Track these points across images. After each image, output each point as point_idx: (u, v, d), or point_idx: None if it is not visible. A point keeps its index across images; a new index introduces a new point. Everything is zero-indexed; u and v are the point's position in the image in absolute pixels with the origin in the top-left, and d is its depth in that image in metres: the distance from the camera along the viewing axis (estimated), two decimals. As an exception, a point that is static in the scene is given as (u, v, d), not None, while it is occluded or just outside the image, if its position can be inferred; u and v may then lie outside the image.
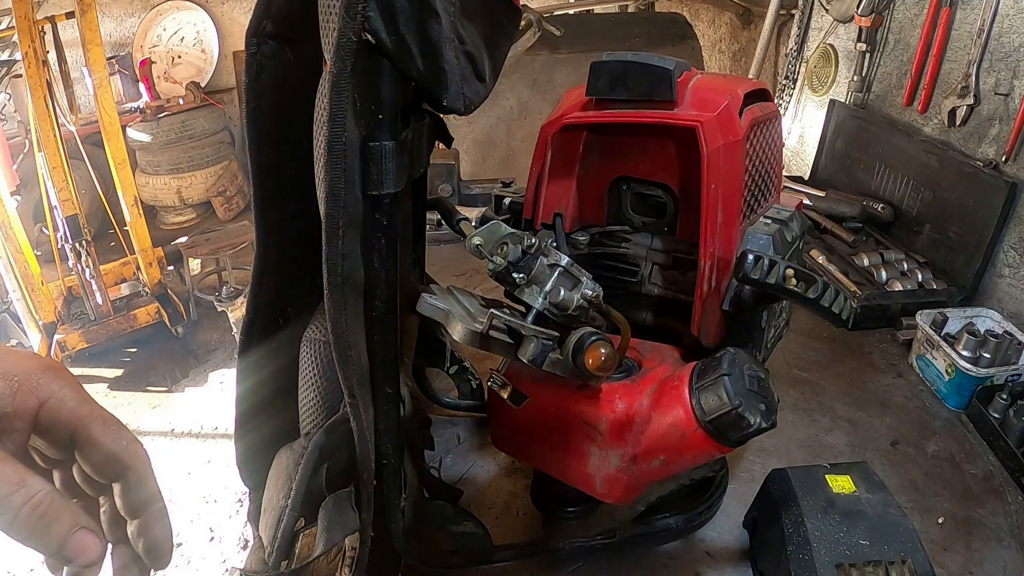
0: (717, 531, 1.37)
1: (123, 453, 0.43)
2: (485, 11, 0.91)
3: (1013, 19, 2.05)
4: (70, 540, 0.39)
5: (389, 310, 0.88)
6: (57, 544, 0.39)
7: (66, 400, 0.42)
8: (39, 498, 0.38)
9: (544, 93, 3.46)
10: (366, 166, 0.77)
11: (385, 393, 0.91)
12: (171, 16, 4.08)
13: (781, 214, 1.24)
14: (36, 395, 0.41)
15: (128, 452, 0.44)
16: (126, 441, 0.44)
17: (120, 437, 0.43)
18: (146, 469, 0.44)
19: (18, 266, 2.17)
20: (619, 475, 1.05)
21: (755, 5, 4.04)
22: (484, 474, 1.56)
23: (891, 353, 2.04)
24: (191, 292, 2.63)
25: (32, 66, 2.04)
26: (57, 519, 0.39)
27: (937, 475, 1.56)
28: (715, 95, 1.10)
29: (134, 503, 0.44)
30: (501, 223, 1.03)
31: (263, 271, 1.01)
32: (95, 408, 0.43)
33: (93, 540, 0.40)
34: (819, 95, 3.18)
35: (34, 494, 0.38)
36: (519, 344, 0.95)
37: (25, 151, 3.20)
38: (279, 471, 0.97)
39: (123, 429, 0.44)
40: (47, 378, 0.42)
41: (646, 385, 1.06)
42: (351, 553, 1.05)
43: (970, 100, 2.18)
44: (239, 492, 1.65)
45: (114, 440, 0.43)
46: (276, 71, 0.90)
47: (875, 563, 1.06)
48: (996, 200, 2.03)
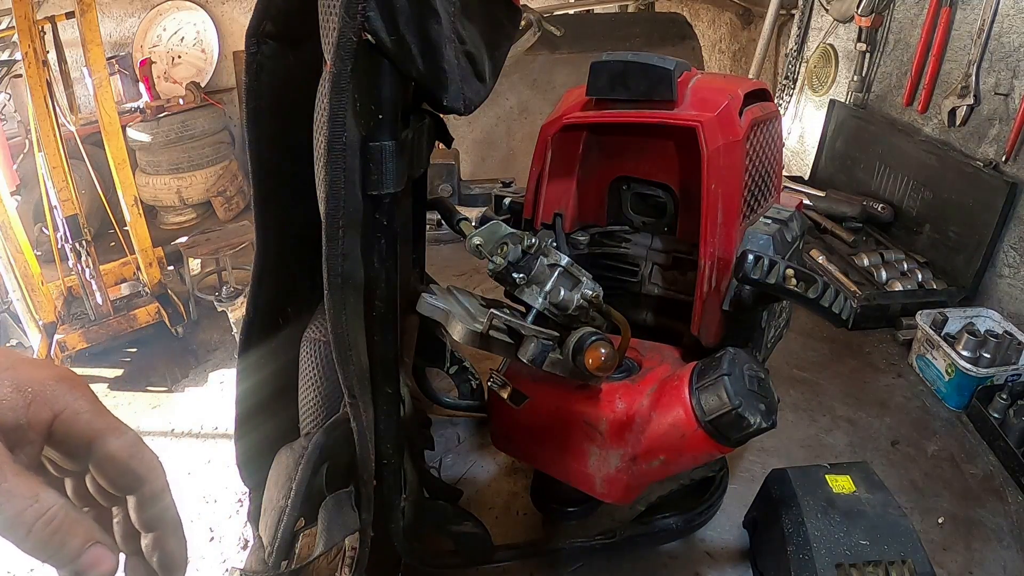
0: (717, 531, 1.37)
1: (139, 467, 0.43)
2: (485, 11, 0.92)
3: (1013, 19, 2.05)
4: (84, 555, 0.39)
5: (389, 310, 0.88)
6: (71, 559, 0.39)
7: (81, 412, 0.41)
8: (52, 512, 0.38)
9: (544, 93, 3.46)
10: (366, 166, 0.77)
11: (385, 393, 0.91)
12: (171, 16, 4.08)
13: (781, 214, 1.24)
14: (51, 407, 0.40)
15: (144, 466, 0.43)
16: (143, 455, 0.43)
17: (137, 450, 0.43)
18: (162, 483, 0.44)
19: (18, 266, 2.18)
20: (619, 475, 1.05)
21: (755, 5, 4.04)
22: (484, 474, 1.56)
23: (891, 353, 2.04)
24: (191, 292, 2.63)
25: (32, 66, 2.04)
26: (71, 534, 0.39)
27: (937, 475, 1.56)
28: (715, 95, 1.10)
29: (149, 517, 0.44)
30: (501, 223, 1.03)
31: (263, 271, 1.01)
32: (111, 420, 0.43)
33: (107, 555, 0.40)
34: (819, 95, 3.18)
35: (47, 508, 0.38)
36: (519, 344, 0.95)
37: (25, 151, 3.20)
38: (279, 471, 0.97)
39: (140, 442, 0.43)
40: (62, 389, 0.41)
41: (646, 385, 1.06)
42: (351, 553, 1.05)
43: (970, 100, 2.18)
44: (239, 492, 1.65)
45: (130, 454, 0.43)
46: (276, 71, 0.90)
47: (875, 563, 1.06)
48: (996, 200, 2.03)
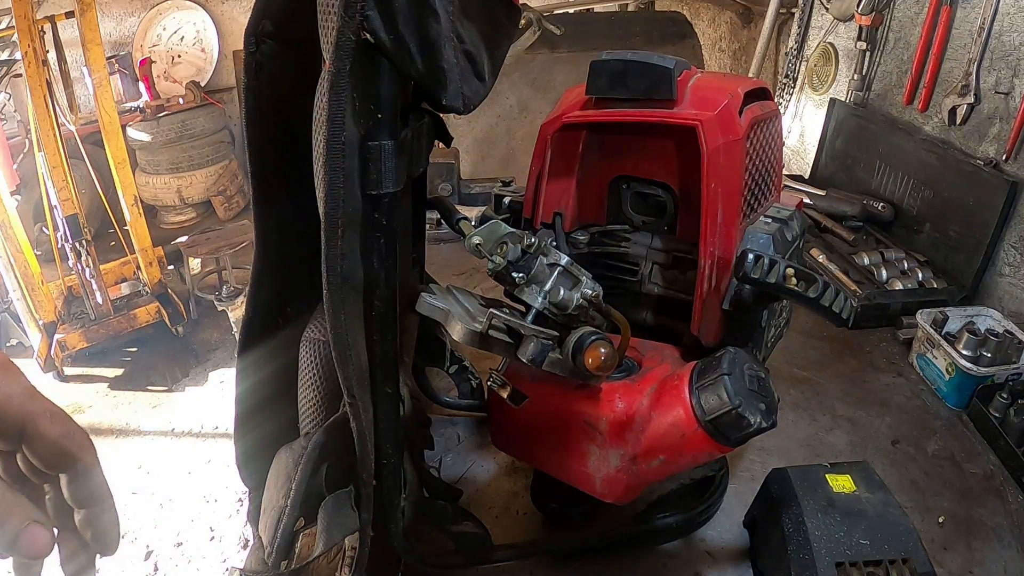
0: (717, 531, 1.37)
1: (70, 446, 0.44)
2: (484, 10, 0.91)
3: (1013, 17, 2.04)
4: (22, 534, 0.40)
5: (389, 310, 0.88)
6: (10, 538, 0.40)
7: (13, 396, 0.43)
8: None
9: (544, 92, 3.45)
10: (365, 165, 0.77)
11: (385, 393, 0.91)
12: (171, 16, 4.07)
13: (781, 213, 1.24)
14: None
15: (75, 445, 0.45)
16: (73, 434, 0.45)
17: (67, 430, 0.44)
18: (93, 461, 0.46)
19: (18, 266, 2.17)
20: (619, 475, 1.05)
21: (755, 4, 4.03)
22: (484, 474, 1.56)
23: (891, 352, 2.03)
24: (191, 292, 2.63)
25: (32, 66, 2.04)
26: (10, 514, 0.40)
27: (937, 474, 1.56)
28: (715, 94, 1.10)
29: (81, 494, 0.45)
30: (501, 222, 1.03)
31: (263, 271, 1.01)
32: (43, 402, 0.44)
33: (43, 532, 0.41)
34: (819, 94, 3.18)
35: None
36: (519, 344, 0.95)
37: (25, 151, 3.20)
38: (279, 471, 0.97)
39: (70, 422, 0.45)
40: None
41: (646, 385, 1.06)
42: (351, 553, 1.05)
43: (970, 99, 2.18)
44: (239, 492, 1.65)
45: (61, 433, 0.44)
46: (275, 70, 0.90)
47: (875, 562, 1.06)
48: (996, 199, 2.03)
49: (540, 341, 0.94)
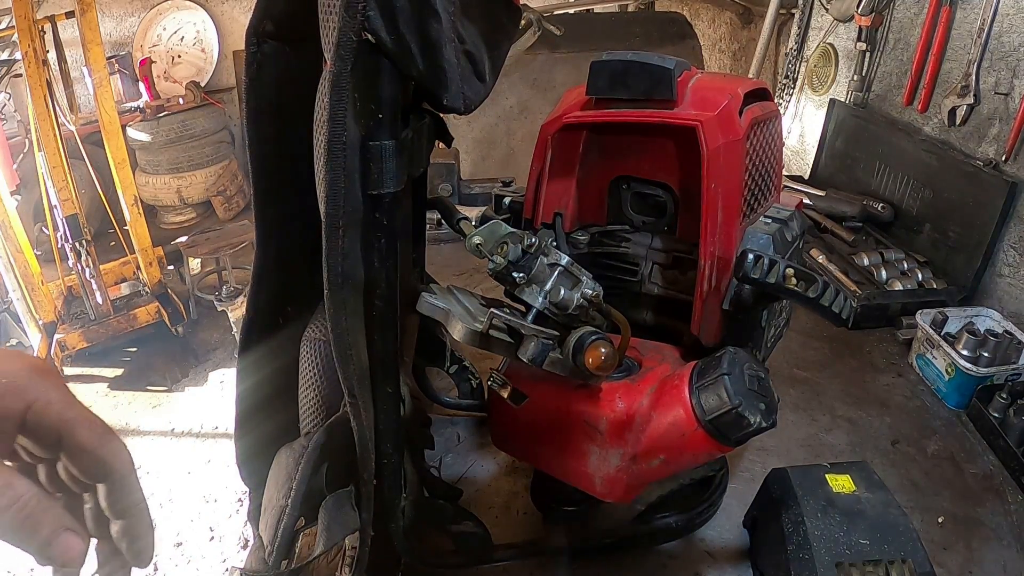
0: (717, 531, 1.37)
1: (108, 457, 0.44)
2: (485, 10, 0.91)
3: (1013, 18, 2.04)
4: (55, 541, 0.40)
5: (389, 309, 0.88)
6: (42, 544, 0.40)
7: (53, 403, 0.42)
8: (25, 500, 0.39)
9: (544, 92, 3.45)
10: (366, 165, 0.77)
11: (385, 392, 0.91)
12: (171, 16, 4.07)
13: (781, 213, 1.24)
14: (23, 397, 0.42)
15: (113, 456, 0.44)
16: (111, 445, 0.44)
17: (106, 441, 0.44)
18: (130, 473, 0.45)
19: (18, 266, 2.17)
20: (619, 474, 1.05)
21: (755, 4, 4.03)
22: (484, 474, 1.56)
23: (891, 352, 2.04)
24: (191, 292, 2.63)
25: (32, 66, 2.04)
26: (42, 521, 0.40)
27: (937, 474, 1.56)
28: (715, 94, 1.10)
29: (118, 505, 0.45)
30: (501, 222, 1.03)
31: (263, 271, 1.01)
32: (82, 411, 0.44)
33: (76, 541, 0.41)
34: (819, 94, 3.18)
35: (20, 496, 0.39)
36: (519, 343, 0.95)
37: (25, 151, 3.20)
38: (279, 471, 0.97)
39: (109, 432, 0.45)
40: (35, 380, 0.42)
41: (646, 384, 1.06)
42: (351, 552, 1.05)
43: (970, 99, 2.18)
44: (239, 492, 1.65)
45: (99, 444, 0.44)
46: (276, 70, 0.90)
47: (875, 562, 1.06)
48: (996, 199, 2.03)
49: (540, 341, 0.94)
